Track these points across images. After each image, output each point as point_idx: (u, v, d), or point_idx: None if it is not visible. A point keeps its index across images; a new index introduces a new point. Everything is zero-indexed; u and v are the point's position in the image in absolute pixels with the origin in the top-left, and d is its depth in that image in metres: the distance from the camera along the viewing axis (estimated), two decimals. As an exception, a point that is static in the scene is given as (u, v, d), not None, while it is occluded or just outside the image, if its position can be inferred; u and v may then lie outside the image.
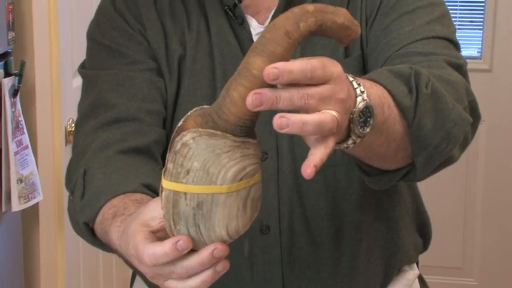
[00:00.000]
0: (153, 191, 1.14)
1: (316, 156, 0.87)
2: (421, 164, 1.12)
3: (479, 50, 3.30)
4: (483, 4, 3.33)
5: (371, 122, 0.97)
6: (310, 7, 0.88)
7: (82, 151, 1.25)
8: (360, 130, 0.96)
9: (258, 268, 1.31)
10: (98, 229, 1.12)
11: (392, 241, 1.37)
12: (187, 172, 0.88)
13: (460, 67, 1.20)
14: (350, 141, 0.98)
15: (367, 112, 0.97)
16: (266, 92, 0.84)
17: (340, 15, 0.90)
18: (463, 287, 3.39)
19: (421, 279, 1.47)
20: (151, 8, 1.32)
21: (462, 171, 3.24)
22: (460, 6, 3.39)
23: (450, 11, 1.32)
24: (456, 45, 1.26)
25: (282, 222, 1.30)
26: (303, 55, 1.26)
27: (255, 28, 1.32)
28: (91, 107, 1.29)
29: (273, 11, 1.30)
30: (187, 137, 0.89)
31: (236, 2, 1.30)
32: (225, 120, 0.88)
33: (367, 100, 0.96)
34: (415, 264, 1.44)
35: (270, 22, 1.28)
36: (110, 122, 1.26)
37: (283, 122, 0.84)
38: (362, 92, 0.96)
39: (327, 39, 1.22)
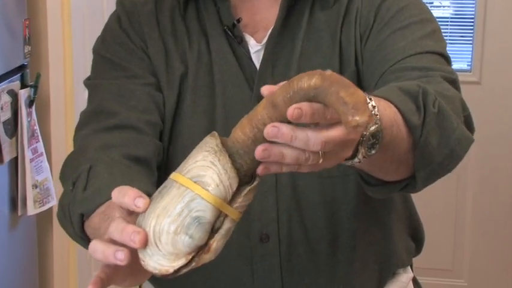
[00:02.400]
0: None
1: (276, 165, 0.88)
2: (422, 179, 1.11)
3: (469, 63, 3.29)
4: (473, 20, 3.33)
5: (378, 146, 0.97)
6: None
7: (82, 149, 1.23)
8: (367, 152, 0.96)
9: (259, 275, 1.30)
10: (93, 222, 1.10)
11: (386, 246, 1.36)
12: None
13: (454, 82, 1.19)
14: (356, 160, 0.97)
15: (377, 136, 0.96)
16: (284, 129, 0.84)
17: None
18: (453, 287, 3.37)
19: (415, 281, 1.46)
20: (154, 28, 1.32)
21: (453, 176, 3.21)
22: (451, 22, 3.38)
23: (441, 27, 1.30)
24: (447, 59, 1.24)
25: (281, 231, 1.29)
26: (298, 70, 1.25)
27: (253, 46, 1.30)
28: (92, 113, 1.28)
29: (270, 30, 1.29)
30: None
31: (235, 22, 1.29)
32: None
33: (379, 124, 0.96)
34: (409, 267, 1.43)
35: (267, 41, 1.28)
36: (111, 127, 1.25)
37: (265, 154, 0.86)
38: (376, 115, 0.96)
39: (322, 57, 1.27)
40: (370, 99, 0.97)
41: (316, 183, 1.27)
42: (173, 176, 0.90)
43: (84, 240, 1.15)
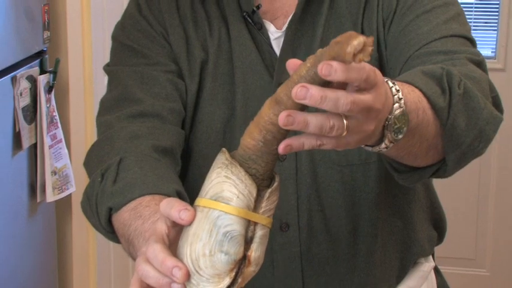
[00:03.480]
0: (182, 198, 1.12)
1: (300, 140, 0.86)
2: (453, 162, 1.10)
3: (494, 50, 3.26)
4: (498, 6, 3.29)
5: (405, 129, 0.96)
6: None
7: (109, 137, 1.23)
8: (394, 136, 0.95)
9: (279, 264, 1.30)
10: (122, 217, 1.10)
11: (407, 236, 1.35)
12: None
13: (480, 63, 1.18)
14: (383, 145, 0.97)
15: (403, 119, 0.95)
16: (313, 89, 0.82)
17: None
18: (475, 277, 3.36)
19: (436, 270, 1.45)
20: (174, 14, 1.31)
21: (476, 166, 3.20)
22: (475, 8, 3.35)
23: (466, 13, 1.30)
24: (473, 43, 1.23)
25: (301, 220, 1.29)
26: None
27: (273, 33, 1.30)
28: (116, 100, 1.28)
29: (290, 17, 1.29)
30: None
31: (254, 8, 1.29)
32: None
33: (404, 108, 0.95)
34: (430, 257, 1.42)
35: (287, 27, 1.28)
36: (135, 115, 1.24)
37: (289, 120, 0.83)
38: (400, 99, 0.95)
39: None
40: (394, 83, 0.96)
41: (336, 171, 1.28)
42: (196, 202, 0.91)
43: (108, 232, 1.15)
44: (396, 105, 0.94)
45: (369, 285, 1.33)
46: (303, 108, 0.84)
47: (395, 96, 0.95)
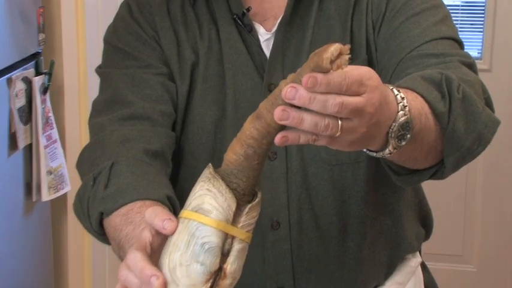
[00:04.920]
0: (172, 203, 1.12)
1: (296, 132, 0.86)
2: (452, 164, 1.11)
3: (480, 51, 3.26)
4: (483, 8, 3.30)
5: (408, 136, 0.97)
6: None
7: (101, 141, 1.23)
8: (397, 143, 0.96)
9: (270, 261, 1.29)
10: (114, 222, 1.10)
11: (396, 233, 1.36)
12: None
13: (472, 65, 1.19)
14: (387, 152, 0.98)
15: (407, 127, 0.96)
16: (302, 90, 0.82)
17: None
18: (462, 273, 3.36)
19: (423, 266, 1.46)
20: (165, 17, 1.31)
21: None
22: (462, 9, 3.35)
23: (452, 14, 1.30)
24: (461, 44, 1.24)
25: (291, 218, 1.29)
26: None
27: (263, 35, 1.29)
28: (107, 102, 1.27)
29: (280, 19, 1.28)
30: None
31: (244, 11, 1.28)
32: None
33: (409, 115, 0.96)
34: (417, 252, 1.43)
35: (276, 29, 1.27)
36: (126, 117, 1.24)
37: (284, 115, 0.83)
38: (404, 107, 0.96)
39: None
40: (399, 91, 0.96)
41: (326, 170, 1.27)
42: (180, 213, 0.92)
43: (99, 234, 1.16)
44: (401, 112, 0.95)
45: (358, 281, 1.33)
46: (283, 126, 0.86)
47: (400, 104, 0.95)
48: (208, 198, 0.89)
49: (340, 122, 0.85)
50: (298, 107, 0.84)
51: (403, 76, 1.15)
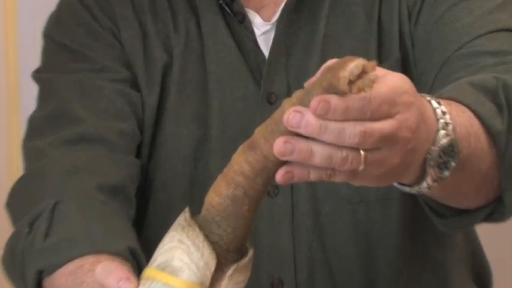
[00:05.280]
0: (136, 257, 1.01)
1: (305, 168, 0.78)
2: None
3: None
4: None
5: (453, 164, 0.87)
6: None
7: (40, 172, 1.13)
8: (439, 173, 0.86)
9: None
10: (58, 283, 0.99)
11: None
12: None
13: None
14: (424, 185, 0.87)
15: (451, 152, 0.86)
16: (309, 117, 0.73)
17: None
18: None
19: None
20: (127, 5, 1.22)
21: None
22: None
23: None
24: None
25: (299, 275, 1.17)
26: (322, 58, 1.14)
27: (259, 27, 1.18)
28: (49, 118, 1.18)
29: (283, 5, 1.17)
30: None
31: None
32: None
33: (452, 136, 0.86)
34: None
35: (278, 18, 1.17)
36: (74, 140, 1.14)
37: (287, 148, 0.75)
38: (447, 124, 0.86)
39: (355, 39, 1.16)
40: (439, 103, 0.87)
41: (346, 210, 1.17)
42: (143, 272, 0.85)
43: None
44: (442, 132, 0.85)
45: None
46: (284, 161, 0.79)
47: (441, 121, 0.86)
48: (180, 252, 0.81)
49: (363, 152, 0.77)
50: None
51: (451, 82, 1.04)
